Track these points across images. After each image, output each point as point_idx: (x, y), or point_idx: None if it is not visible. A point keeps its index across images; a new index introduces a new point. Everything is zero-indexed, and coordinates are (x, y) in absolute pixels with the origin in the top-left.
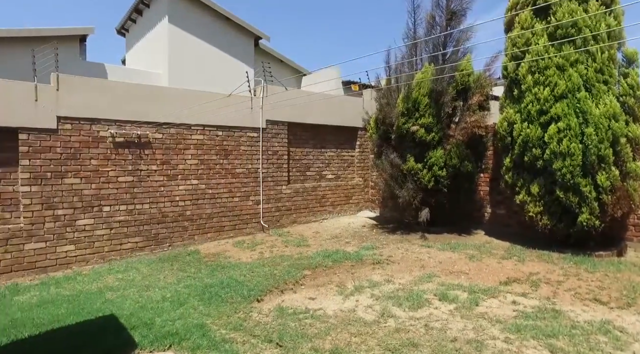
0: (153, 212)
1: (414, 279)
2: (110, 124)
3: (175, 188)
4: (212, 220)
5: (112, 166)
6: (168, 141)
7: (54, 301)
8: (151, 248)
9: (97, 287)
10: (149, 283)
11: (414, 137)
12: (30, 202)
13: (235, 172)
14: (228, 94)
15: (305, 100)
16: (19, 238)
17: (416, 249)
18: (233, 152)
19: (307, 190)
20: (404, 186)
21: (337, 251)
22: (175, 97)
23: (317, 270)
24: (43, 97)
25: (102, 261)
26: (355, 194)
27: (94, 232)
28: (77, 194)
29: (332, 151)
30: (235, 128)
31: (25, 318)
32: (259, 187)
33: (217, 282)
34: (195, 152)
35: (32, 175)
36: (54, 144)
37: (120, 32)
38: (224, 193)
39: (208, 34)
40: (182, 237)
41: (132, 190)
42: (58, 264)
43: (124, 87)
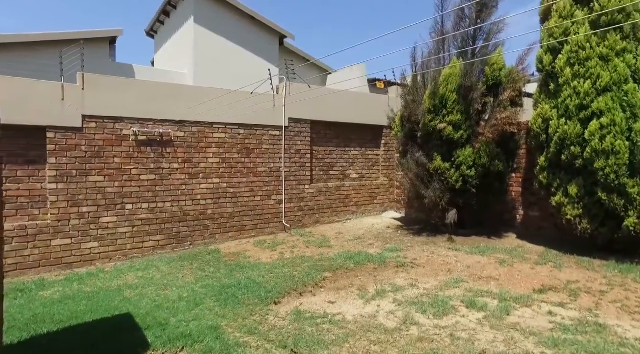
0: (174, 210)
1: (439, 284)
2: (133, 123)
3: (197, 187)
4: (233, 219)
5: (134, 164)
6: (190, 139)
7: (75, 297)
8: (173, 247)
9: (117, 285)
10: (167, 281)
11: (441, 135)
12: (57, 200)
13: (257, 171)
14: (250, 92)
15: (329, 98)
16: (46, 234)
17: (443, 252)
18: (255, 150)
19: (330, 190)
20: (431, 186)
21: (359, 252)
22: (196, 95)
23: (338, 272)
24: (69, 96)
25: (124, 258)
26: (380, 194)
27: (116, 229)
28: (100, 192)
29: (356, 149)
30: (257, 126)
31: (46, 314)
32: (281, 186)
33: (235, 282)
34: (216, 150)
35: (58, 173)
36: (79, 142)
37: (149, 34)
38: (245, 192)
39: (233, 33)
40: (204, 236)
41: (154, 188)
42: (82, 260)
43: (146, 85)
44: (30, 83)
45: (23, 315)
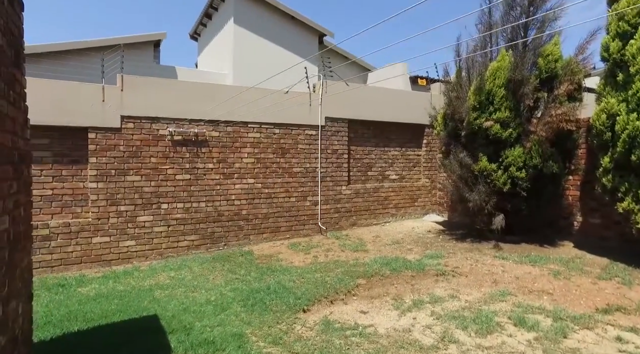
0: (209, 210)
1: (483, 297)
2: (169, 123)
3: (231, 187)
4: (268, 220)
5: (170, 164)
6: (224, 139)
7: (108, 295)
8: (207, 247)
9: (148, 284)
10: (197, 283)
11: (487, 133)
12: (97, 198)
13: (292, 172)
14: (285, 90)
15: (367, 95)
16: (87, 232)
17: (488, 261)
18: (290, 150)
19: (368, 191)
20: (475, 188)
21: (396, 258)
22: (231, 94)
23: (373, 279)
24: (109, 97)
25: (159, 257)
26: (421, 196)
27: (152, 229)
28: (137, 191)
29: (396, 149)
30: (292, 126)
31: (79, 311)
32: (317, 187)
33: (264, 287)
34: (251, 150)
35: (98, 172)
36: (118, 142)
37: (193, 37)
38: (280, 193)
39: (272, 33)
40: (238, 237)
41: (189, 188)
42: (120, 258)
43: (181, 86)
44: (75, 86)
45: (59, 311)
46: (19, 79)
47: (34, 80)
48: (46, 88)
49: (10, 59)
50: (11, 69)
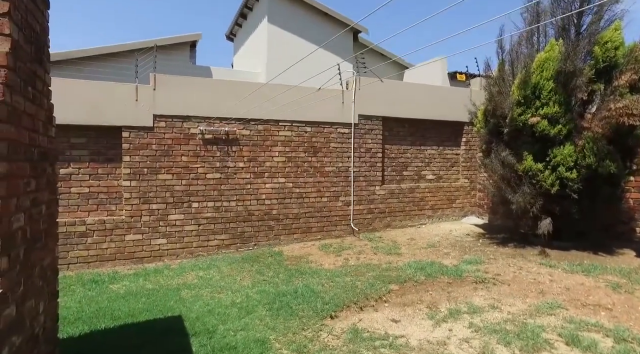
0: (239, 210)
1: (529, 309)
2: (200, 121)
3: (262, 186)
4: (298, 220)
5: (201, 163)
6: (255, 138)
7: (137, 294)
8: (237, 246)
9: (176, 283)
10: (224, 284)
11: (533, 130)
12: (130, 196)
13: (324, 171)
14: (317, 88)
15: (403, 92)
16: (121, 229)
17: (533, 268)
18: (322, 149)
19: (403, 191)
20: (519, 189)
21: (432, 263)
22: (262, 92)
23: (406, 285)
24: (142, 97)
25: (190, 256)
26: (459, 197)
27: (183, 227)
28: (169, 190)
29: (433, 148)
30: (324, 124)
31: (108, 309)
32: (349, 187)
33: (292, 290)
34: (282, 149)
35: (131, 171)
36: (150, 141)
37: (229, 38)
38: (312, 193)
39: (306, 31)
40: (268, 237)
41: (220, 187)
42: (152, 256)
43: (212, 84)
44: (110, 86)
45: (90, 307)
46: (40, 75)
47: (71, 82)
48: (83, 89)
49: (29, 54)
50: (30, 65)
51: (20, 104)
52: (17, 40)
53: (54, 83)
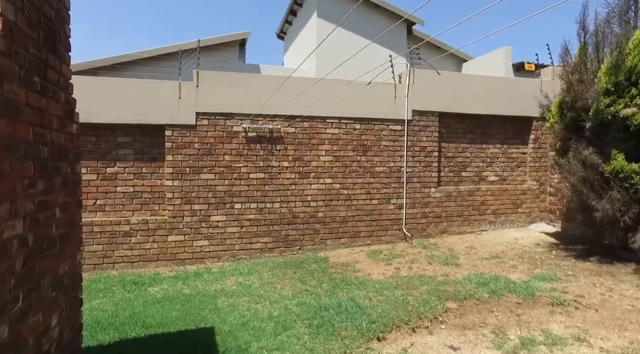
0: (283, 212)
1: (630, 346)
2: (243, 119)
3: (307, 187)
4: (346, 224)
5: (244, 162)
6: (301, 136)
7: (173, 299)
8: (280, 250)
9: (214, 289)
10: (263, 292)
11: (625, 124)
12: (173, 196)
13: (374, 171)
14: (367, 81)
15: (462, 85)
16: (164, 230)
17: (628, 291)
18: (372, 147)
19: (461, 194)
20: (605, 194)
21: (496, 277)
22: (308, 88)
23: (466, 303)
24: (185, 94)
25: (232, 259)
26: (526, 201)
27: (225, 229)
28: (211, 190)
29: (496, 146)
30: (375, 120)
31: (141, 315)
32: (402, 188)
33: (335, 304)
34: (329, 147)
35: (174, 170)
36: (193, 139)
37: (279, 36)
38: (360, 194)
39: (357, 24)
40: (313, 241)
41: (263, 187)
42: (194, 258)
43: (257, 80)
44: (154, 84)
45: (125, 312)
46: (53, 65)
47: (116, 81)
48: (128, 88)
49: (35, 41)
50: (37, 53)
51: (18, 96)
52: (15, 22)
53: (99, 83)
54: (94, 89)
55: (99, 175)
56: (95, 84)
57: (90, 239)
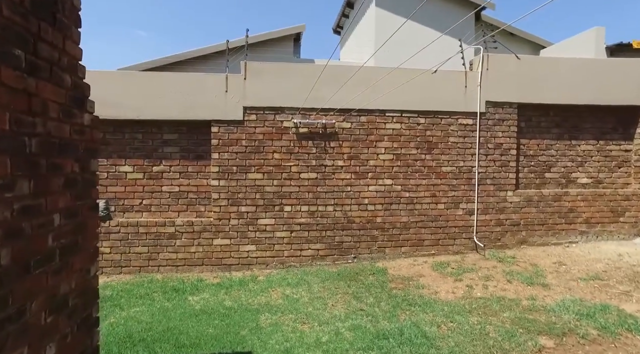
0: (337, 216)
1: None
2: (294, 113)
3: (364, 189)
4: (407, 231)
5: (294, 161)
6: (357, 131)
7: (212, 312)
8: (333, 258)
9: (258, 303)
10: (312, 309)
11: None
12: (219, 197)
13: (440, 172)
14: (433, 70)
15: (546, 70)
16: (209, 232)
17: None
18: (439, 145)
19: (545, 199)
20: None
21: (604, 307)
22: (366, 78)
23: (567, 341)
24: (232, 87)
25: (280, 266)
26: (630, 208)
27: (274, 233)
28: (259, 191)
29: (589, 142)
30: (442, 113)
31: (176, 330)
32: (472, 191)
33: (396, 330)
34: (389, 144)
35: (220, 169)
36: (240, 136)
37: (336, 31)
38: (425, 197)
39: (418, 12)
40: (370, 249)
41: (315, 189)
42: (240, 263)
43: (308, 70)
44: (201, 77)
45: (160, 325)
46: (50, 41)
47: (162, 76)
48: (174, 83)
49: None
50: (20, 20)
51: None
52: None
53: (145, 79)
54: (140, 84)
55: (145, 174)
56: (140, 80)
57: (136, 240)
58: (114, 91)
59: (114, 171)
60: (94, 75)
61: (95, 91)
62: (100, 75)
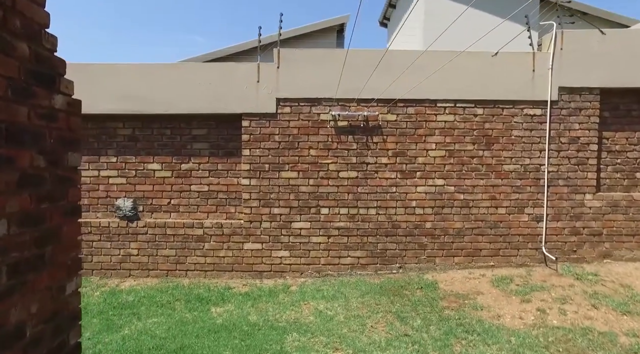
0: (381, 220)
1: None
2: (333, 105)
3: (412, 189)
4: (462, 238)
5: (332, 158)
6: (404, 125)
7: (233, 329)
8: (376, 267)
9: (286, 319)
10: (347, 331)
11: None
12: (249, 197)
13: (501, 170)
14: (494, 52)
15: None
16: (239, 236)
17: None
18: (500, 139)
19: (636, 204)
20: None
21: None
22: (415, 64)
23: None
24: (264, 77)
25: (316, 274)
26: None
27: (309, 238)
28: (293, 191)
29: None
30: (504, 103)
31: (189, 350)
32: (541, 194)
33: None
34: (441, 139)
35: (251, 167)
36: (273, 131)
37: (383, 24)
38: (482, 200)
39: None
40: (418, 258)
41: (356, 189)
42: (272, 270)
43: (348, 56)
44: (231, 67)
45: (174, 342)
46: None
47: (191, 67)
48: (204, 74)
49: None
50: None
51: None
52: None
53: (173, 71)
54: (168, 77)
55: (173, 172)
56: (169, 72)
57: (164, 243)
58: (142, 84)
59: (142, 168)
60: (120, 68)
61: (123, 85)
62: (127, 69)
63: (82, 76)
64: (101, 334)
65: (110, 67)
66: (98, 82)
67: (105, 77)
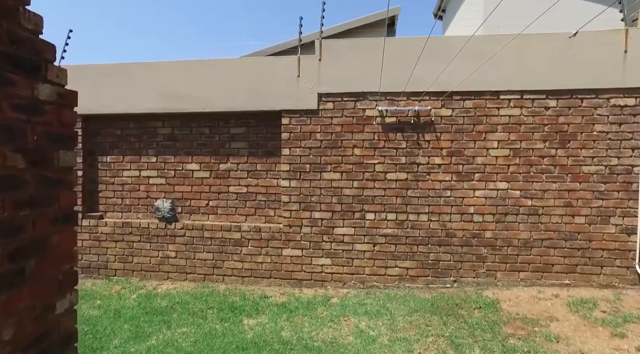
0: (433, 227)
1: None
2: (380, 99)
3: (469, 193)
4: (529, 251)
5: (379, 157)
6: (460, 120)
7: (264, 346)
8: (427, 280)
9: (323, 338)
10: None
11: None
12: (289, 200)
13: (580, 173)
14: (572, 33)
15: None
16: (278, 241)
17: None
18: (578, 135)
19: None
20: None
21: None
22: (474, 51)
23: None
24: (305, 71)
25: (360, 285)
26: None
27: (353, 246)
28: (336, 194)
29: None
30: (583, 92)
31: None
32: (633, 201)
33: None
34: (504, 136)
35: (291, 167)
36: (314, 128)
37: (438, 17)
38: (555, 207)
39: None
40: (476, 272)
41: (405, 193)
42: (313, 279)
43: (397, 43)
44: (270, 61)
45: None
46: None
47: (228, 62)
48: (242, 69)
49: None
50: None
51: None
52: None
53: (211, 66)
54: (206, 74)
55: (211, 172)
56: (206, 69)
57: (201, 246)
58: (180, 82)
59: (181, 169)
60: (159, 67)
61: (162, 84)
62: (165, 67)
63: (123, 76)
64: (128, 343)
65: (149, 65)
66: (138, 82)
67: (145, 76)
